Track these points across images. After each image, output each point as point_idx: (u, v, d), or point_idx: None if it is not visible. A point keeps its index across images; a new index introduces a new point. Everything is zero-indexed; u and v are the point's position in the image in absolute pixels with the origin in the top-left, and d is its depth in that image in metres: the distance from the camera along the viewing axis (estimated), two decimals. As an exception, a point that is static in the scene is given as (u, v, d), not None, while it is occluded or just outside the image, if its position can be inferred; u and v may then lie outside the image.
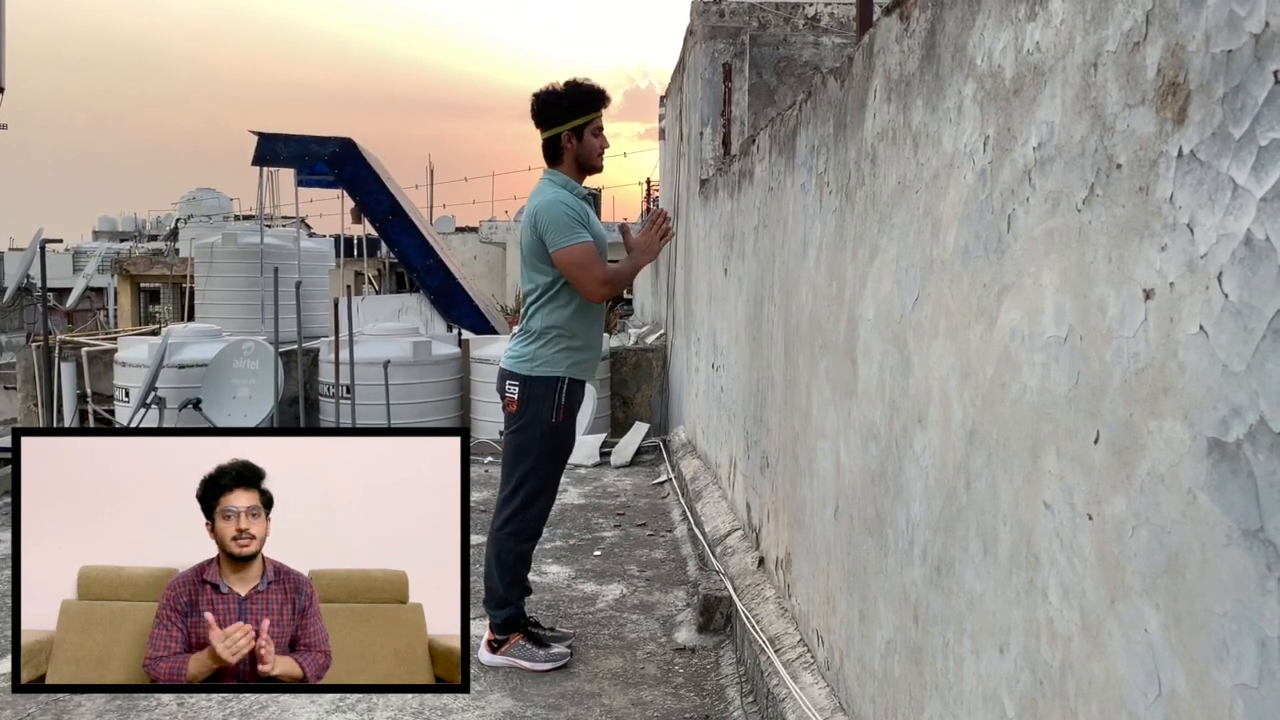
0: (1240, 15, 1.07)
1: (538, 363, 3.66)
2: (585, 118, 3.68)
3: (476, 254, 26.49)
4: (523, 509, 3.71)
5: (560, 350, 3.67)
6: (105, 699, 3.36)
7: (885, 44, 2.36)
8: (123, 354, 9.38)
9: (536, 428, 3.66)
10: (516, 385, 3.67)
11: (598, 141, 3.73)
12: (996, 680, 1.70)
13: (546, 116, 3.71)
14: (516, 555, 3.74)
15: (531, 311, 3.71)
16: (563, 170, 3.72)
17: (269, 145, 10.42)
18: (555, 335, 3.66)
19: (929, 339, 2.04)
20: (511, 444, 3.74)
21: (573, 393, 3.71)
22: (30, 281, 18.84)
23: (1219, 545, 1.11)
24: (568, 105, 3.68)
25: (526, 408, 3.66)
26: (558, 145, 3.71)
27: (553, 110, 3.70)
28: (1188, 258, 1.16)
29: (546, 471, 3.73)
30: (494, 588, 3.74)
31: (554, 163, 3.74)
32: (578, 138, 3.69)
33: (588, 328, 3.74)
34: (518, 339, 3.76)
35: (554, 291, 3.66)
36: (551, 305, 3.67)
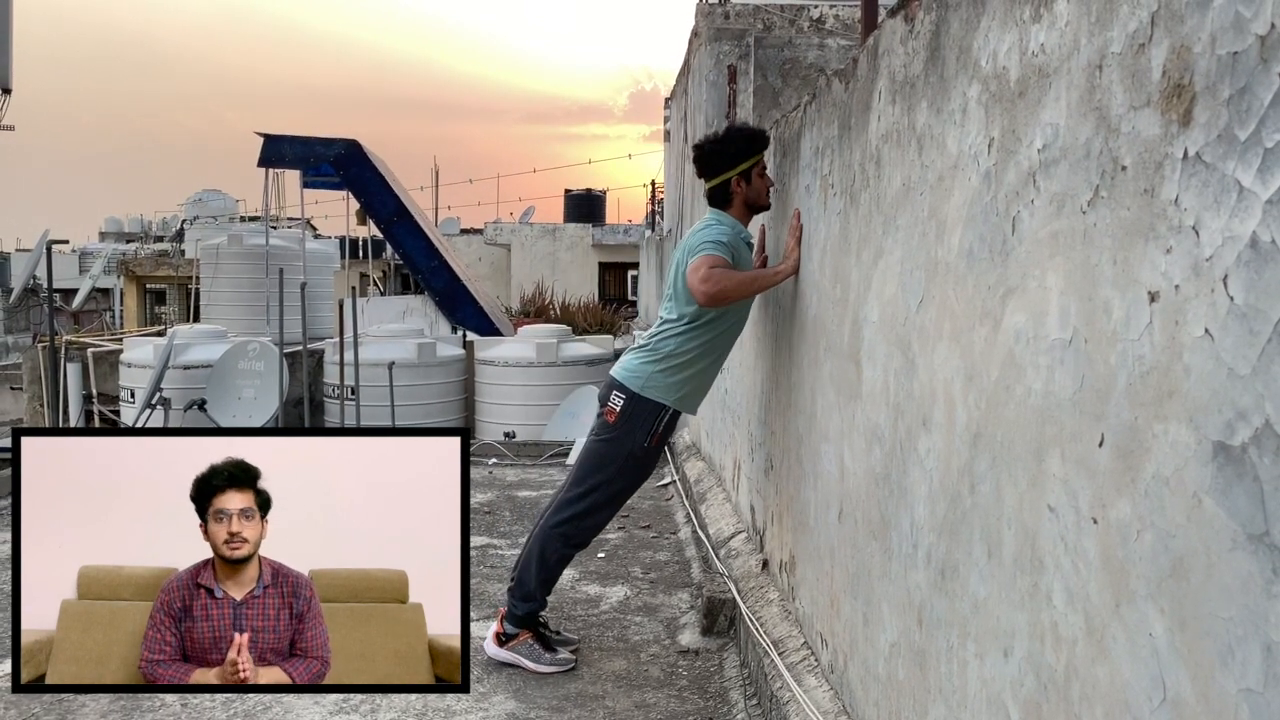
0: (1246, 17, 1.06)
1: (650, 385, 3.66)
2: (750, 161, 3.69)
3: (481, 256, 26.50)
4: (583, 515, 3.73)
5: (676, 380, 3.67)
6: (109, 699, 3.36)
7: (890, 46, 2.35)
8: (128, 355, 9.40)
9: (627, 445, 3.68)
10: (623, 399, 3.67)
11: (763, 182, 3.75)
12: (1000, 684, 1.69)
13: (712, 165, 3.72)
14: (560, 557, 3.76)
15: (664, 335, 3.69)
16: (731, 213, 3.72)
17: (275, 147, 10.44)
18: (676, 365, 3.66)
19: (933, 341, 2.04)
20: (596, 451, 3.74)
21: (672, 424, 3.73)
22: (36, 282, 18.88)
23: (1224, 549, 1.10)
24: (734, 150, 3.70)
25: (624, 422, 3.67)
26: (726, 190, 3.71)
27: (719, 158, 3.71)
28: (1193, 260, 1.16)
29: (619, 489, 3.76)
30: (526, 580, 3.74)
31: (721, 205, 3.74)
32: (745, 181, 3.70)
33: (710, 366, 3.74)
34: (637, 355, 3.74)
35: (694, 326, 3.64)
36: (685, 337, 3.65)
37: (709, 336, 3.67)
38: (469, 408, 9.93)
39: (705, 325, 3.64)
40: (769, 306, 3.91)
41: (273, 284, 9.40)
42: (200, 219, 25.16)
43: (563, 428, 8.68)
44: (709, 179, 3.75)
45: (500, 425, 9.43)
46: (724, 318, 3.66)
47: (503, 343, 10.28)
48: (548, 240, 25.76)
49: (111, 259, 24.76)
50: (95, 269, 23.68)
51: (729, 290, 3.47)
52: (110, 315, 23.73)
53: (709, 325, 3.64)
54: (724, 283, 3.45)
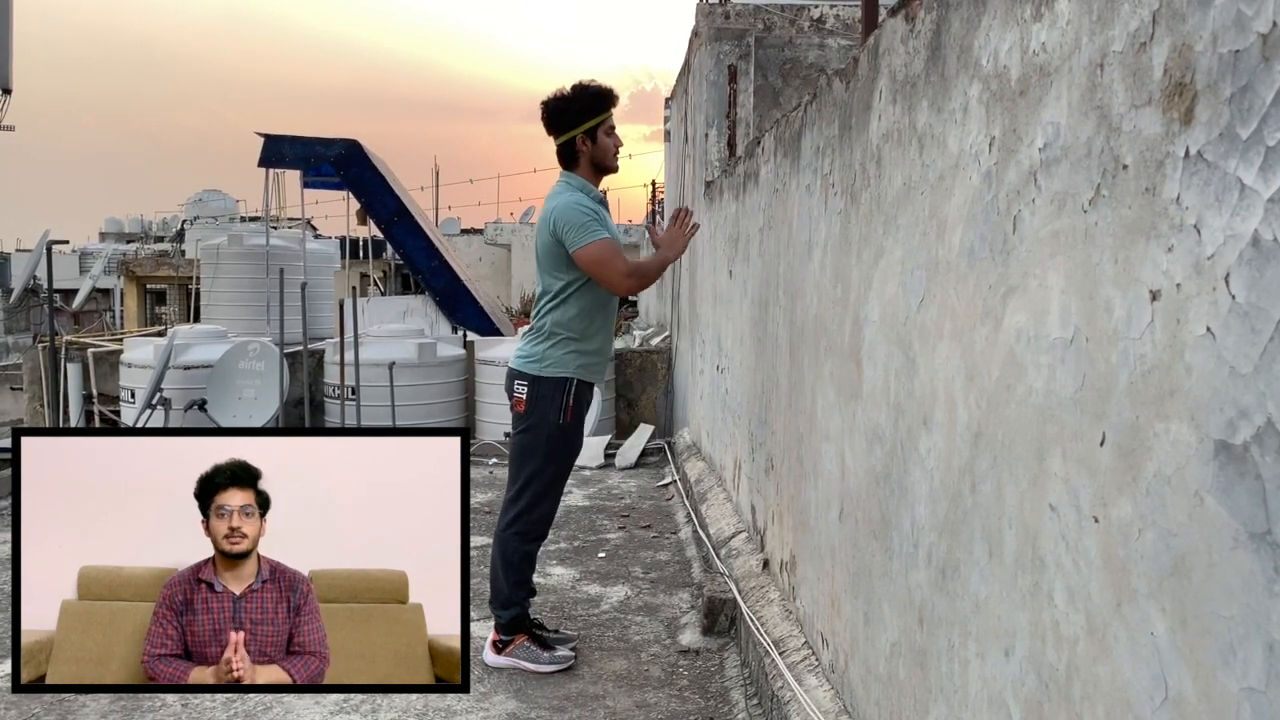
0: (1248, 15, 1.06)
1: (547, 363, 3.66)
2: (596, 119, 3.71)
3: (482, 256, 26.51)
4: (529, 510, 3.71)
5: (569, 351, 3.67)
6: (109, 699, 3.36)
7: (891, 45, 2.35)
8: (128, 355, 9.40)
9: (544, 428, 3.66)
10: (525, 385, 3.67)
11: (611, 141, 3.76)
12: (1002, 683, 1.69)
13: (558, 122, 3.73)
14: (522, 555, 3.74)
15: (543, 312, 3.72)
16: (579, 173, 3.74)
17: (275, 147, 10.43)
18: (565, 337, 3.67)
19: (934, 341, 2.04)
20: (518, 444, 3.74)
21: (581, 394, 3.71)
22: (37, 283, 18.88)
23: (1226, 548, 1.10)
24: (578, 109, 3.70)
25: (534, 408, 3.66)
26: (572, 149, 3.73)
27: (564, 115, 3.72)
28: (1194, 259, 1.15)
29: (553, 473, 3.73)
30: (499, 588, 3.74)
31: (569, 166, 3.76)
32: (591, 140, 3.71)
33: (598, 330, 3.75)
34: (527, 339, 3.77)
35: (568, 294, 3.67)
36: (564, 307, 3.67)
37: (587, 300, 3.70)
38: (469, 408, 9.92)
39: (578, 290, 3.69)
40: (770, 306, 3.91)
41: (273, 284, 9.39)
42: (200, 219, 25.18)
43: (563, 428, 8.65)
44: (556, 136, 3.77)
45: (500, 425, 9.42)
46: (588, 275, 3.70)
47: (503, 343, 10.27)
48: (548, 240, 25.74)
49: (112, 259, 24.78)
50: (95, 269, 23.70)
51: (649, 279, 3.76)
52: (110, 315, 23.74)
53: (582, 290, 3.69)
54: (645, 278, 3.72)
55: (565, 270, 3.64)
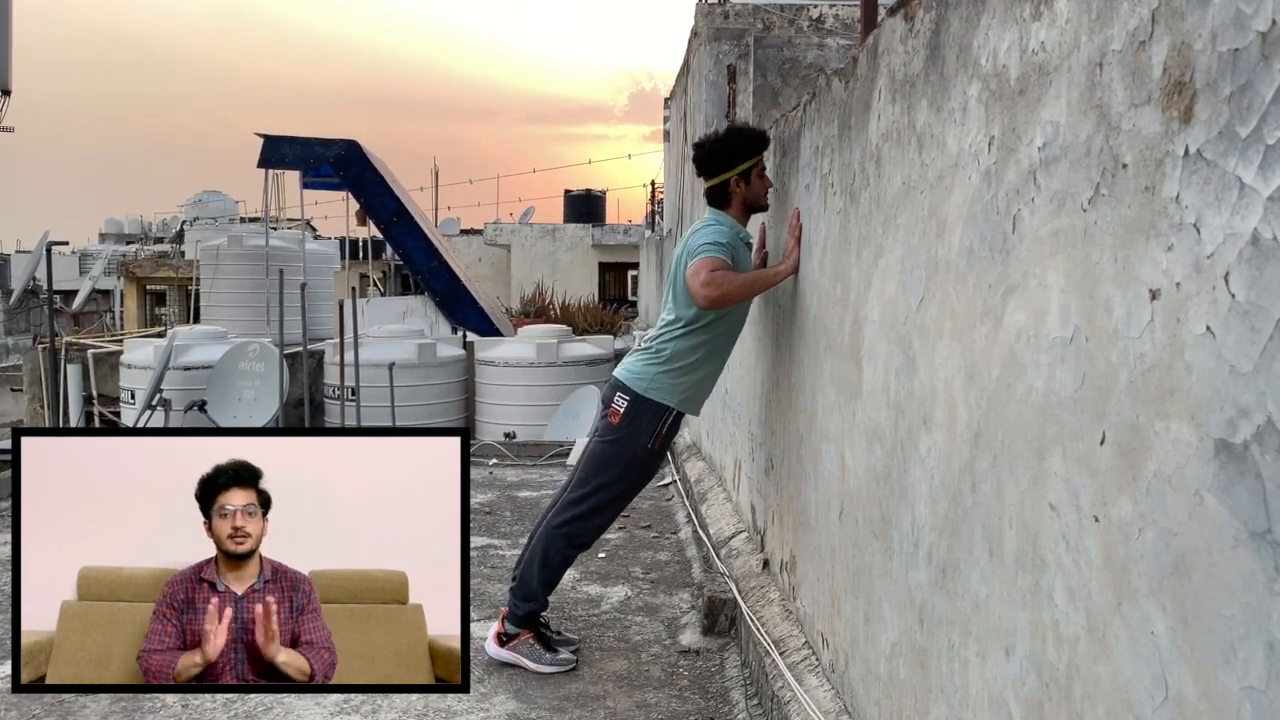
0: (1247, 14, 1.06)
1: (653, 386, 3.66)
2: (750, 162, 3.69)
3: (481, 256, 26.51)
4: (586, 516, 3.73)
5: (678, 382, 3.67)
6: (109, 701, 3.35)
7: (890, 45, 2.35)
8: (128, 356, 9.40)
9: (630, 447, 3.68)
10: (627, 400, 3.67)
11: (763, 183, 3.75)
12: (1002, 683, 1.69)
13: (712, 165, 3.72)
14: (562, 558, 3.76)
15: (666, 336, 3.70)
16: (729, 213, 3.72)
17: (275, 147, 10.44)
18: (679, 367, 3.66)
19: (934, 340, 2.03)
20: (599, 452, 3.74)
21: (675, 425, 3.73)
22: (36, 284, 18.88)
23: (1226, 547, 1.10)
24: (733, 151, 3.70)
25: (628, 424, 3.66)
26: (725, 190, 3.71)
27: (720, 158, 3.71)
28: (1194, 258, 1.15)
29: (622, 490, 3.76)
30: (528, 580, 3.73)
31: (720, 205, 3.74)
32: (745, 182, 3.70)
33: (714, 369, 3.75)
34: (640, 357, 3.74)
35: (695, 327, 3.64)
36: (688, 339, 3.65)
37: (710, 337, 3.67)
38: (469, 408, 9.93)
39: (706, 326, 3.64)
40: (770, 306, 3.91)
41: (273, 285, 9.40)
42: (200, 220, 25.17)
43: (563, 428, 8.67)
44: (708, 179, 3.75)
45: (500, 426, 9.43)
46: (724, 318, 3.66)
47: (503, 343, 10.28)
48: (548, 241, 25.77)
49: (111, 260, 24.78)
50: (95, 270, 23.70)
51: (730, 293, 3.48)
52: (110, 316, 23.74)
53: (709, 326, 3.65)
54: (725, 286, 3.45)
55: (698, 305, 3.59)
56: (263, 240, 11.53)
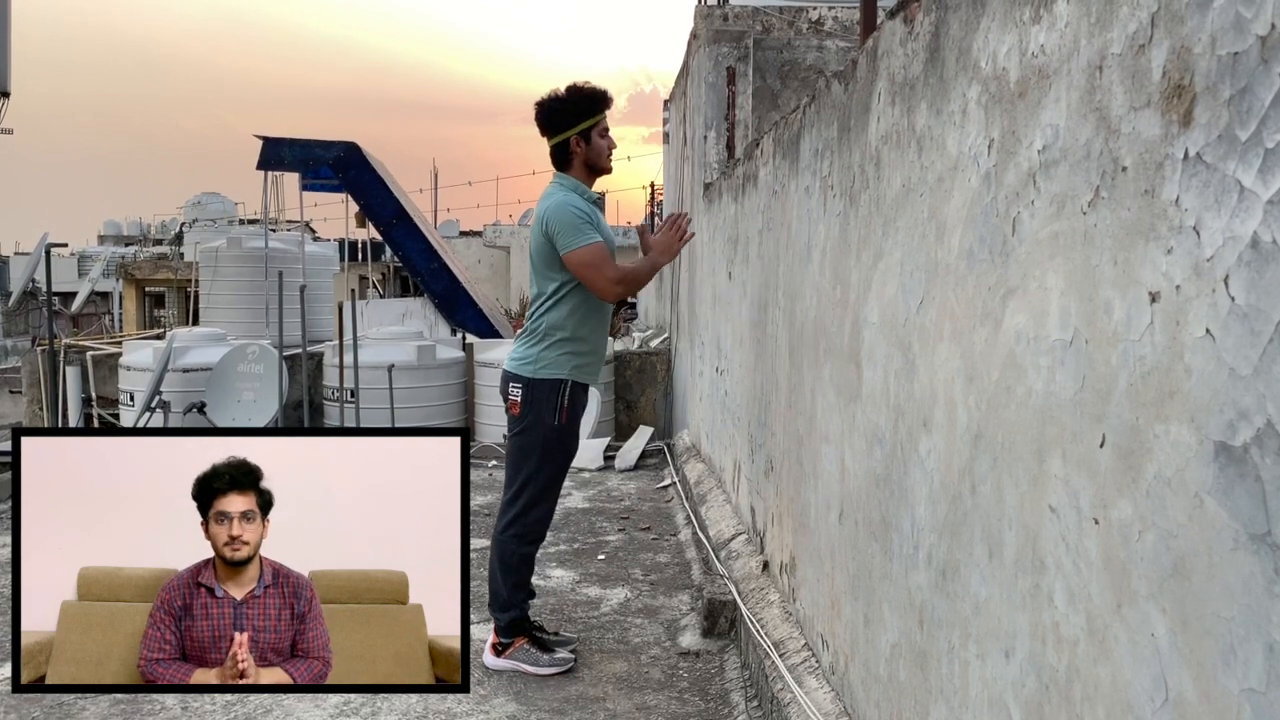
0: (1246, 17, 1.07)
1: (541, 365, 3.67)
2: (591, 120, 3.71)
3: (480, 258, 26.52)
4: (525, 511, 3.71)
5: (564, 353, 3.68)
6: (109, 702, 3.35)
7: (889, 47, 2.35)
8: (127, 358, 9.39)
9: (539, 430, 3.67)
10: (520, 387, 3.68)
11: (605, 142, 3.76)
12: (1002, 685, 1.69)
13: (552, 123, 3.73)
14: (520, 558, 3.74)
15: (537, 314, 3.73)
16: (572, 174, 3.74)
17: (274, 149, 10.43)
18: (559, 339, 3.67)
19: (934, 342, 2.04)
20: (514, 446, 3.74)
21: (576, 395, 3.72)
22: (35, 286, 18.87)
23: (1226, 549, 1.10)
24: (572, 110, 3.71)
25: (529, 410, 3.66)
26: (566, 150, 3.73)
27: (558, 116, 3.72)
28: (1194, 260, 1.16)
29: (549, 474, 3.73)
30: (497, 590, 3.74)
31: (563, 167, 3.76)
32: (585, 141, 3.72)
33: (592, 331, 3.75)
34: (521, 341, 3.77)
35: (560, 295, 3.67)
36: (557, 308, 3.68)
37: (580, 301, 3.71)
38: (469, 410, 9.92)
39: (571, 291, 3.69)
40: (769, 308, 3.91)
41: (272, 287, 9.39)
42: (199, 222, 25.17)
43: (562, 430, 8.65)
44: (550, 137, 3.77)
45: (500, 428, 9.41)
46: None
47: (502, 345, 10.26)
48: (547, 242, 25.75)
49: (110, 262, 24.77)
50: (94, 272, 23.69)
51: (639, 284, 3.77)
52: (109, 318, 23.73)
53: (576, 290, 3.70)
54: (633, 284, 3.72)
55: (558, 271, 3.65)
56: (262, 242, 11.52)
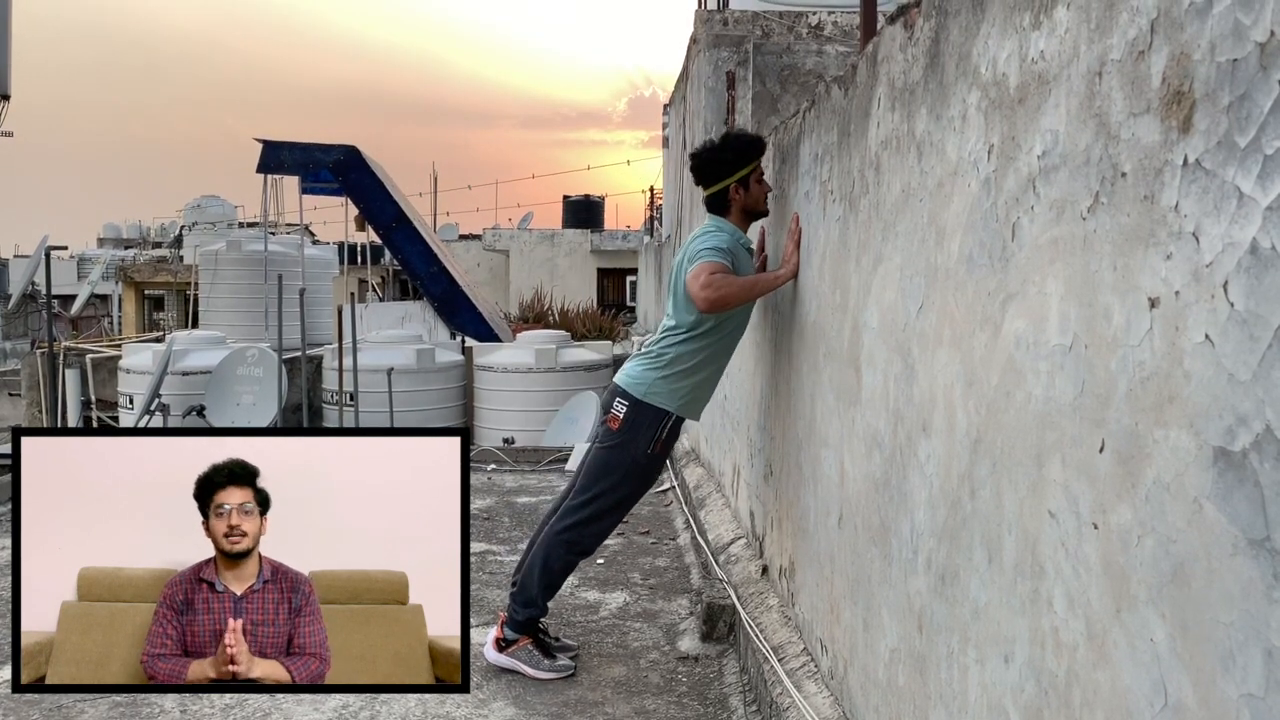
0: (1246, 24, 1.07)
1: (654, 392, 3.65)
2: (748, 168, 3.70)
3: (480, 261, 26.51)
4: (588, 522, 3.72)
5: (678, 387, 3.67)
6: (108, 704, 3.35)
7: (889, 53, 2.36)
8: (127, 361, 9.40)
9: (630, 452, 3.67)
10: (626, 405, 3.67)
11: (761, 188, 3.75)
12: (1001, 690, 1.70)
13: (711, 172, 3.73)
14: (564, 564, 3.76)
15: (666, 342, 3.70)
16: (729, 219, 3.73)
17: (274, 152, 10.44)
18: (679, 372, 3.66)
19: (933, 347, 2.04)
20: (601, 458, 3.73)
21: (675, 430, 3.73)
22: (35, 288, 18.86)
23: (1225, 554, 1.10)
24: (732, 159, 3.70)
25: (627, 430, 3.66)
26: (724, 197, 3.72)
27: (717, 166, 3.71)
28: (1193, 266, 1.16)
29: (623, 496, 3.75)
30: (528, 586, 3.73)
31: (719, 212, 3.75)
32: (744, 188, 3.71)
33: (713, 373, 3.75)
34: (640, 363, 3.74)
35: (696, 333, 3.64)
36: (689, 344, 3.65)
37: (710, 342, 3.67)
38: (468, 413, 9.93)
39: (707, 332, 3.65)
40: (769, 312, 3.91)
41: (271, 290, 9.39)
42: (199, 225, 25.17)
43: (561, 433, 8.67)
44: (707, 186, 3.76)
45: (499, 431, 9.42)
46: (725, 324, 3.66)
47: (501, 348, 10.28)
48: (546, 246, 25.78)
49: (110, 265, 24.76)
50: (94, 275, 23.68)
51: (729, 296, 3.48)
52: (109, 321, 23.72)
53: (710, 331, 3.65)
54: (724, 289, 3.45)
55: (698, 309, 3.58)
56: (261, 245, 11.54)
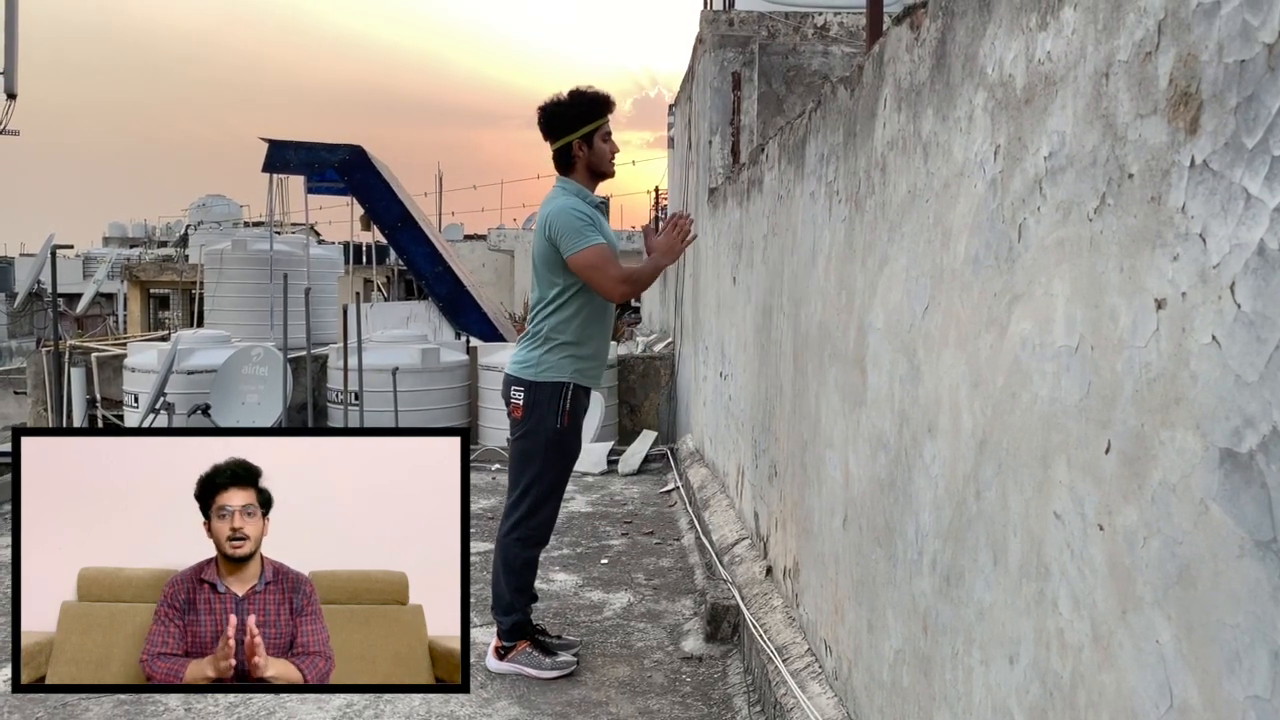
0: (1253, 25, 1.07)
1: (543, 368, 3.67)
2: (593, 124, 3.71)
3: (485, 261, 26.54)
4: (529, 515, 3.72)
5: (566, 356, 3.68)
6: (112, 703, 3.36)
7: (895, 53, 2.36)
8: (132, 359, 9.41)
9: (542, 434, 3.67)
10: (522, 391, 3.68)
11: (608, 147, 3.76)
12: (1006, 691, 1.69)
13: (555, 127, 3.74)
14: (523, 561, 3.74)
15: (539, 318, 3.73)
16: (575, 178, 3.75)
17: (279, 152, 10.45)
18: (561, 342, 3.68)
19: (939, 348, 2.04)
20: (517, 450, 3.74)
21: (578, 399, 3.72)
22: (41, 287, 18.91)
23: (1231, 556, 1.10)
24: (575, 113, 3.71)
25: (531, 413, 3.67)
26: (569, 154, 3.73)
27: (560, 120, 3.72)
28: (1200, 268, 1.16)
29: (553, 478, 3.74)
30: (500, 593, 3.74)
31: (566, 171, 3.77)
32: (588, 145, 3.72)
33: (594, 335, 3.75)
34: (523, 345, 3.78)
35: (564, 299, 3.68)
36: (560, 312, 3.68)
37: (580, 304, 3.71)
38: (473, 413, 9.93)
39: (574, 295, 3.70)
40: (774, 313, 3.91)
41: (276, 289, 9.40)
42: (204, 224, 25.21)
43: (566, 434, 8.65)
44: (552, 141, 3.78)
45: (504, 431, 9.41)
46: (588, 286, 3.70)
47: (506, 348, 10.27)
48: (551, 246, 25.76)
49: (115, 264, 24.81)
50: (99, 274, 23.72)
51: (643, 285, 3.77)
52: (114, 320, 23.77)
53: (579, 294, 3.70)
54: (638, 285, 3.73)
55: (561, 275, 3.65)
56: (267, 245, 11.55)
